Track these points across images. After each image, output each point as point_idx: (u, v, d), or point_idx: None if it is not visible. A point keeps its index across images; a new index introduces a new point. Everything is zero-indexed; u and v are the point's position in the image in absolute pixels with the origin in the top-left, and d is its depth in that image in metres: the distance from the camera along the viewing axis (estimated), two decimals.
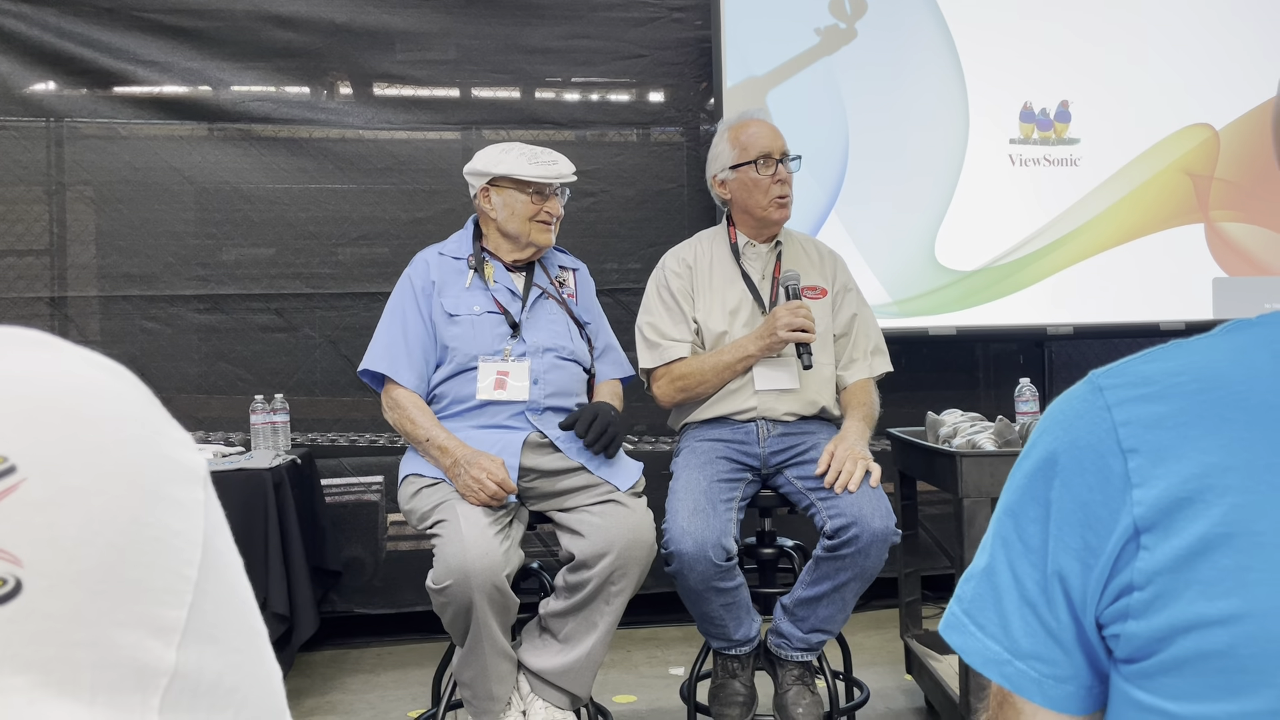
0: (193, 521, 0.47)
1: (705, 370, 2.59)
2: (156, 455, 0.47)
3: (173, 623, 0.45)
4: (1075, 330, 3.89)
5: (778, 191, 2.62)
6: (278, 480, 3.06)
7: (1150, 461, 0.67)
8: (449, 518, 2.28)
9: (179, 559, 0.46)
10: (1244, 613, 0.62)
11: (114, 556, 0.44)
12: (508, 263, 2.59)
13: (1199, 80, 3.93)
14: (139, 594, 0.44)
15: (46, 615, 0.42)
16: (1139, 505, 0.66)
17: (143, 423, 0.47)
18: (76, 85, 3.68)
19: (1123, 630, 0.67)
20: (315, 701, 3.24)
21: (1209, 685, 0.63)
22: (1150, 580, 0.65)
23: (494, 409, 2.46)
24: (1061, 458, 0.71)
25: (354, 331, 3.73)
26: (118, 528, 0.44)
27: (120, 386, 0.48)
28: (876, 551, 2.35)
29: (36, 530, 0.42)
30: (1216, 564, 0.63)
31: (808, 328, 2.47)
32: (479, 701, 2.34)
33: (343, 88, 3.90)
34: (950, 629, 0.78)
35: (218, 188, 3.75)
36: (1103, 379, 0.72)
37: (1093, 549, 0.69)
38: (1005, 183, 3.90)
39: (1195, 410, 0.67)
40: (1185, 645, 0.64)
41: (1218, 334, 0.71)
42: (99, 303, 3.70)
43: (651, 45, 3.97)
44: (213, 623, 0.46)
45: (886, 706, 3.04)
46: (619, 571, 2.31)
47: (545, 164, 2.52)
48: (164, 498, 0.46)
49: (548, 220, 2.55)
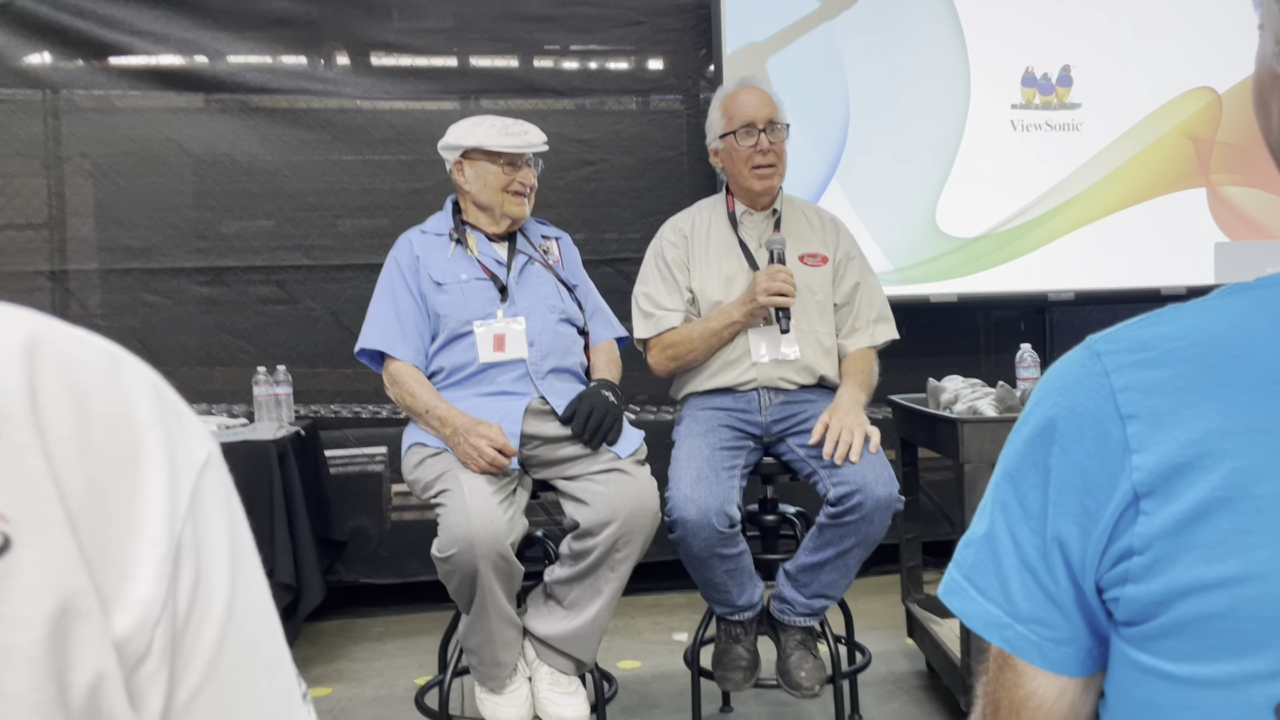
0: (175, 502, 0.47)
1: (694, 338, 2.60)
2: (131, 431, 0.47)
3: (147, 597, 0.45)
4: (1076, 296, 3.89)
5: (757, 160, 2.60)
6: (282, 451, 3.08)
7: (1149, 427, 0.67)
8: (452, 487, 2.29)
9: (144, 535, 0.46)
10: (1243, 575, 0.63)
11: (82, 517, 0.44)
12: (489, 234, 2.60)
13: (1201, 43, 3.90)
14: (104, 560, 0.44)
15: (41, 567, 0.42)
16: (1138, 471, 0.67)
17: (124, 400, 0.47)
18: (72, 57, 3.65)
19: (1122, 594, 0.68)
20: (323, 670, 3.27)
21: (1209, 647, 0.64)
22: (1149, 545, 0.66)
23: (494, 374, 2.48)
24: (1060, 423, 0.72)
25: (355, 303, 3.73)
26: (76, 490, 0.44)
27: (108, 365, 0.48)
28: (880, 518, 2.36)
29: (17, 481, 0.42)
30: (1216, 527, 0.64)
31: (786, 292, 2.47)
32: (485, 668, 2.36)
33: (340, 58, 3.88)
34: (950, 593, 0.79)
35: (216, 159, 3.74)
36: (1100, 344, 0.72)
37: (1092, 514, 0.69)
38: (1007, 148, 3.89)
39: (1193, 375, 0.67)
40: (1185, 608, 0.65)
41: (1215, 298, 0.71)
42: (99, 276, 3.70)
43: (650, 11, 3.94)
44: (192, 621, 0.47)
45: (888, 670, 3.07)
46: (623, 539, 2.33)
47: (516, 134, 2.54)
48: (135, 467, 0.46)
49: (520, 190, 2.56)
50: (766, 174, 2.61)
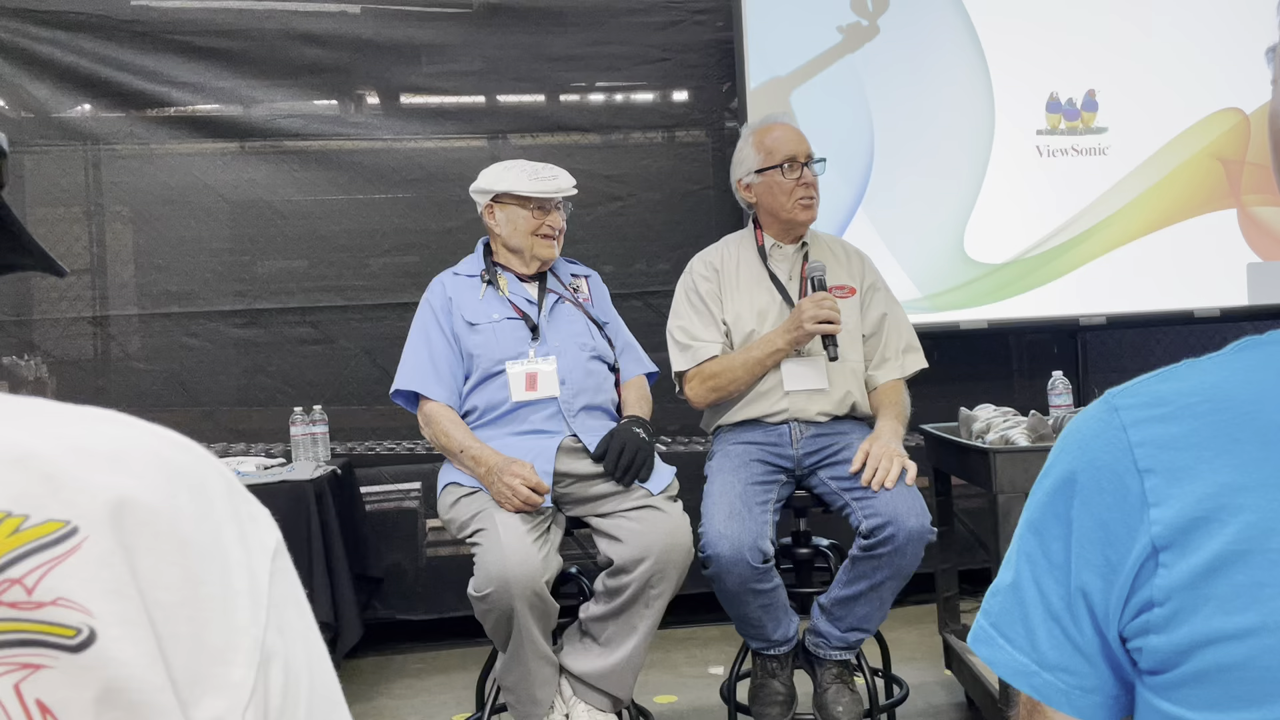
0: (256, 585, 0.50)
1: (735, 367, 2.61)
2: (212, 522, 0.50)
3: (238, 681, 0.48)
4: (1108, 320, 3.87)
5: (802, 193, 2.64)
6: (319, 491, 3.12)
7: (1166, 481, 0.69)
8: (488, 526, 2.32)
9: (239, 620, 0.49)
10: (1260, 627, 0.64)
11: (173, 610, 0.47)
12: (519, 275, 2.64)
13: (1227, 64, 3.89)
14: (197, 649, 0.47)
15: (122, 662, 0.45)
16: (1156, 524, 0.68)
17: (199, 493, 0.51)
18: (112, 108, 3.75)
19: (1145, 644, 0.70)
20: (362, 708, 3.29)
21: (1229, 696, 0.65)
22: (1169, 596, 0.68)
23: (527, 412, 2.51)
24: (1080, 477, 0.74)
25: (389, 341, 3.78)
26: (170, 584, 0.47)
27: (185, 459, 0.51)
28: (913, 550, 2.36)
29: (103, 583, 0.46)
30: (1232, 580, 0.65)
31: (833, 319, 2.49)
32: (522, 705, 2.38)
33: (370, 100, 3.96)
34: (979, 642, 0.81)
35: (251, 203, 3.82)
36: (1118, 399, 0.74)
37: (1113, 566, 0.71)
38: (1033, 174, 3.89)
39: (1208, 431, 0.69)
40: (1205, 658, 0.66)
41: (1229, 352, 0.72)
42: (139, 320, 3.77)
43: (674, 48, 3.99)
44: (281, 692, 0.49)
45: (927, 702, 3.04)
46: (658, 575, 2.34)
47: (545, 179, 2.58)
48: (221, 559, 0.50)
49: (549, 234, 2.60)
50: (810, 204, 2.65)
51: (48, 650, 0.44)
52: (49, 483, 0.46)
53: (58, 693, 0.44)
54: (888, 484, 2.39)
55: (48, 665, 0.44)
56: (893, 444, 2.48)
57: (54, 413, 0.50)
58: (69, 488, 0.46)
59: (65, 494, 0.46)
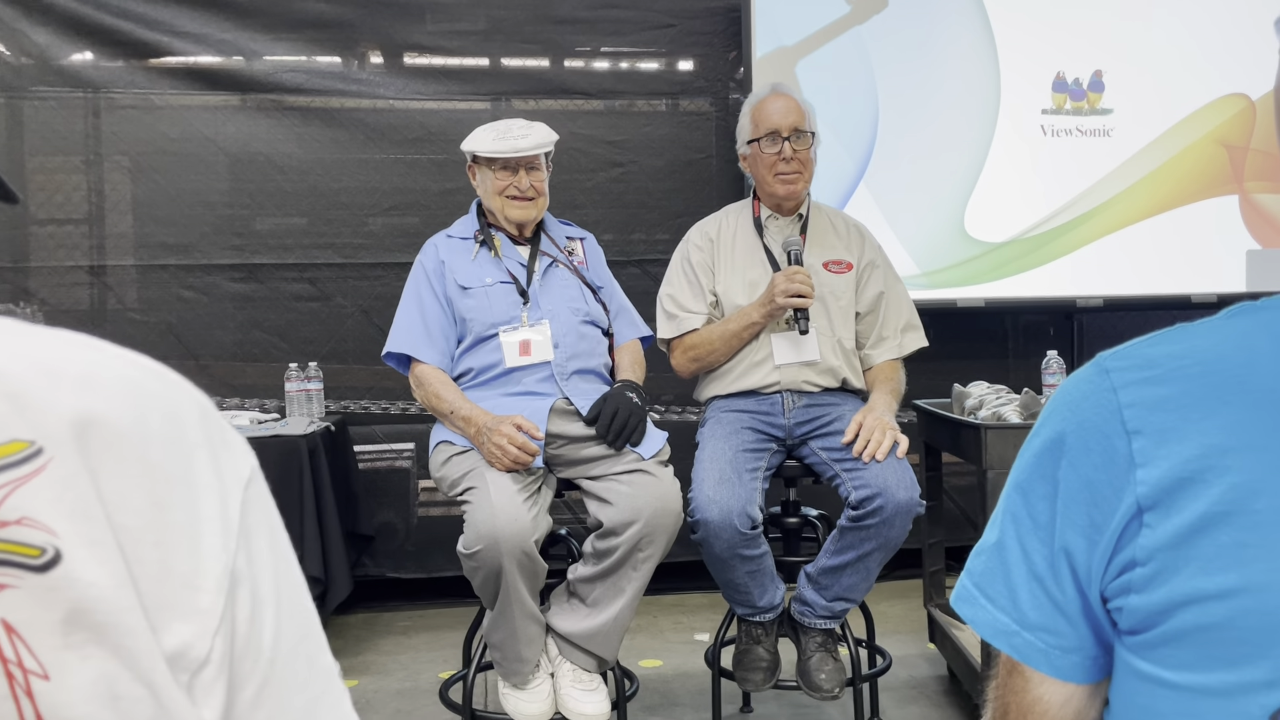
0: (227, 512, 0.50)
1: (714, 339, 2.62)
2: (183, 448, 0.50)
3: (206, 607, 0.48)
4: (1105, 302, 3.88)
5: (782, 168, 2.62)
6: (312, 446, 3.13)
7: (1153, 442, 0.69)
8: (478, 484, 2.33)
9: (208, 546, 0.49)
10: (1241, 587, 0.65)
11: (139, 534, 0.47)
12: (512, 237, 2.63)
13: (1235, 49, 3.87)
14: (164, 574, 0.47)
15: (88, 583, 0.45)
16: (1142, 485, 0.69)
17: (171, 418, 0.50)
18: (113, 57, 3.72)
19: (1125, 604, 0.70)
20: (349, 663, 3.32)
21: (1207, 656, 0.66)
22: (1152, 556, 0.68)
23: (520, 375, 2.51)
24: (1069, 438, 0.74)
25: (386, 301, 3.77)
26: (135, 508, 0.47)
27: (156, 385, 0.51)
28: (900, 522, 2.37)
29: (68, 504, 0.45)
30: (1216, 541, 0.66)
31: (804, 293, 2.49)
32: (508, 663, 2.40)
33: (373, 58, 3.93)
34: (961, 601, 0.81)
35: (251, 158, 3.80)
36: (1109, 361, 0.74)
37: (1098, 526, 0.71)
38: (1037, 154, 3.88)
39: (1197, 393, 0.69)
40: (1185, 618, 0.67)
41: (1222, 317, 0.73)
42: (136, 271, 3.76)
43: (681, 15, 3.96)
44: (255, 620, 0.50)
45: (909, 674, 3.07)
46: (646, 539, 2.35)
47: (513, 138, 2.53)
48: (190, 485, 0.49)
49: (517, 195, 2.56)
50: (790, 179, 2.62)
51: (12, 570, 0.43)
52: (14, 401, 0.46)
53: (23, 612, 0.43)
54: (879, 456, 2.40)
55: (12, 585, 0.43)
56: (885, 417, 2.49)
57: (25, 334, 0.49)
58: (35, 408, 0.46)
59: (31, 414, 0.46)
